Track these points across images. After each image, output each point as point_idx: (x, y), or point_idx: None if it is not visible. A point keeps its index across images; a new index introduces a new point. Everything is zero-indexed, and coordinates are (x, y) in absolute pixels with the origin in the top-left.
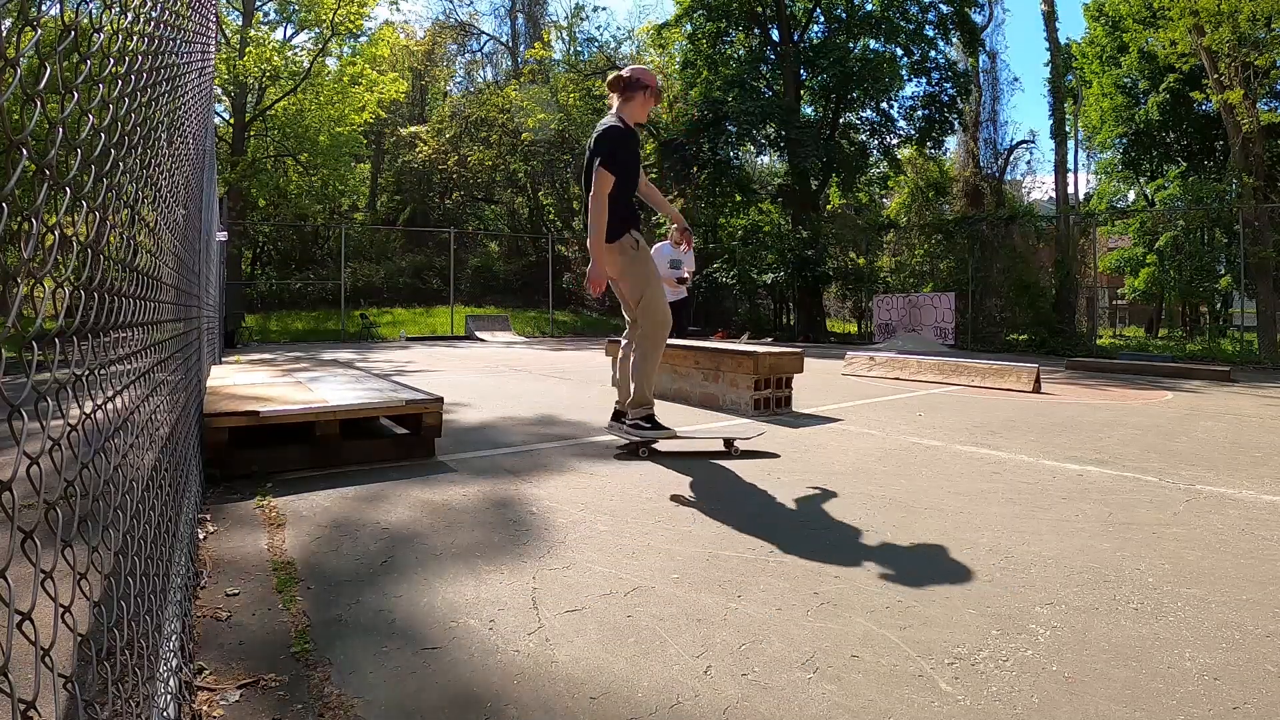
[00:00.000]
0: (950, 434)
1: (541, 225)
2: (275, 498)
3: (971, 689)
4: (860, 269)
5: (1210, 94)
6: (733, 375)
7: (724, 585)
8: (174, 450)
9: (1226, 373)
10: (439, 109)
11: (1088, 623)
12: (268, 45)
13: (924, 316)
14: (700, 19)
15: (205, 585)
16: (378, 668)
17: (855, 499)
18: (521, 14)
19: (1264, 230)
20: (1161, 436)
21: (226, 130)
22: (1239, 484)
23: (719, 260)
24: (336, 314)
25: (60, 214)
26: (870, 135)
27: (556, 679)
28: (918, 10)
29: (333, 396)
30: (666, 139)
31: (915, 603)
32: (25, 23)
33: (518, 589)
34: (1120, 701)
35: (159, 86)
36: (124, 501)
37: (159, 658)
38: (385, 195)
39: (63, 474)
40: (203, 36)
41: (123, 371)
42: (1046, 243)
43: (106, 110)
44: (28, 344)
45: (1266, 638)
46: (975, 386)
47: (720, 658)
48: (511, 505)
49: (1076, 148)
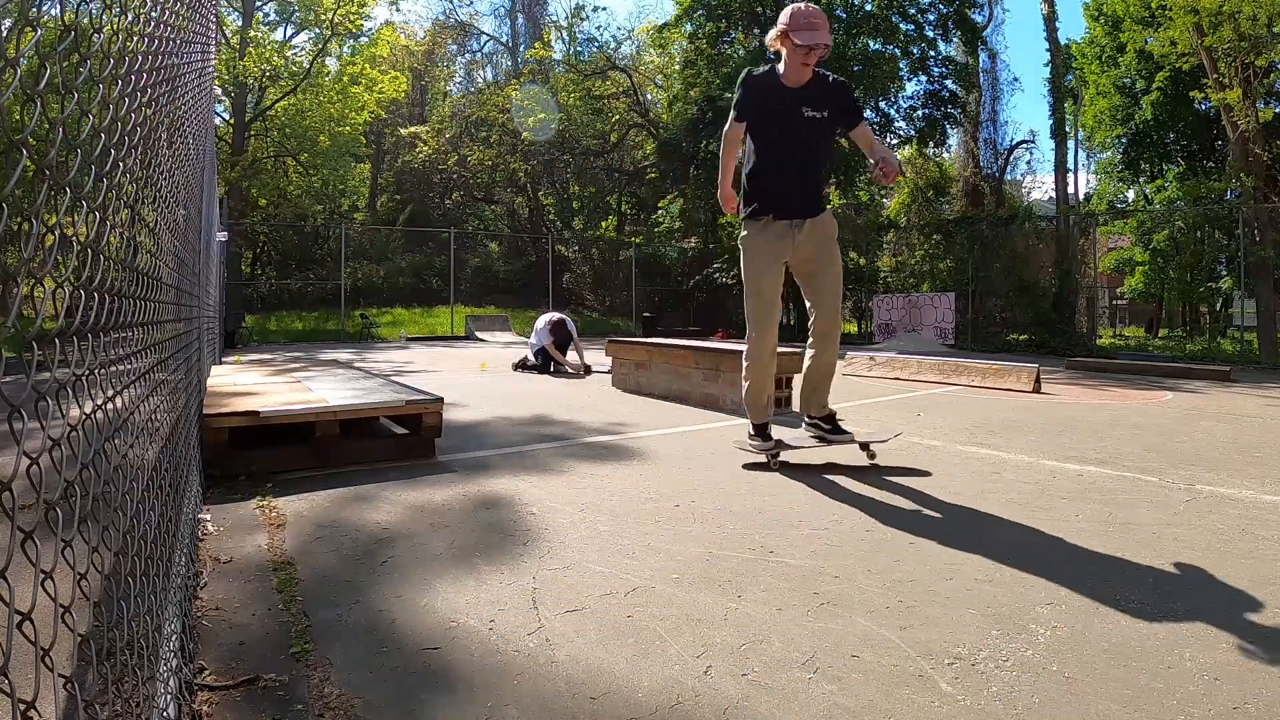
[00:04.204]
0: (950, 434)
1: (541, 225)
2: (275, 498)
3: (972, 689)
4: (860, 269)
5: (1209, 94)
6: (733, 375)
7: (724, 585)
8: (174, 450)
9: (1226, 373)
10: (439, 109)
11: (1088, 623)
12: (268, 46)
13: (924, 317)
14: (700, 19)
15: (205, 585)
16: (378, 668)
17: (856, 499)
18: (521, 14)
19: (1264, 230)
20: (1162, 436)
21: (226, 130)
22: (1239, 484)
23: (719, 260)
24: (336, 314)
25: (60, 214)
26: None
27: (556, 679)
28: (917, 11)
29: (333, 396)
30: (665, 138)
31: (915, 603)
32: (25, 23)
33: (518, 589)
34: (1120, 701)
35: (159, 87)
36: (124, 502)
37: (159, 658)
38: (385, 195)
39: (63, 474)
40: (203, 37)
41: (123, 371)
42: (1046, 243)
43: (106, 110)
44: (28, 344)
45: (1267, 638)
46: (975, 386)
47: (720, 658)
48: (511, 505)
49: (1076, 148)
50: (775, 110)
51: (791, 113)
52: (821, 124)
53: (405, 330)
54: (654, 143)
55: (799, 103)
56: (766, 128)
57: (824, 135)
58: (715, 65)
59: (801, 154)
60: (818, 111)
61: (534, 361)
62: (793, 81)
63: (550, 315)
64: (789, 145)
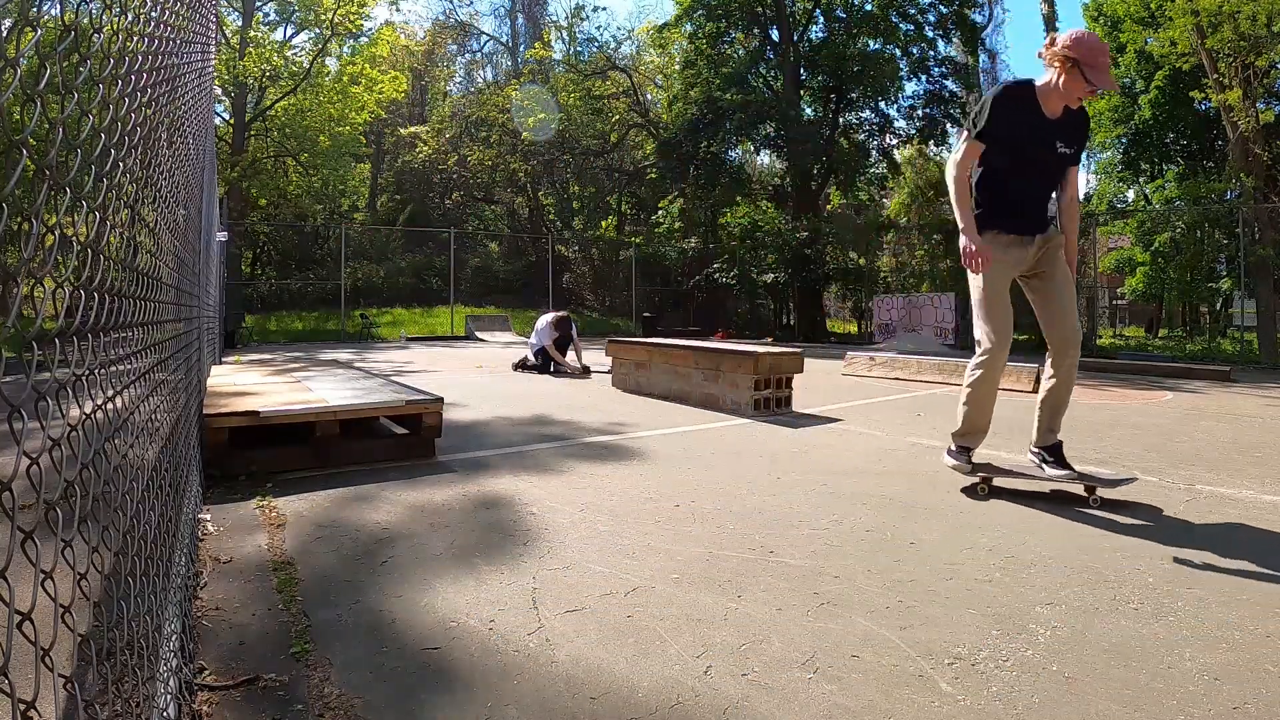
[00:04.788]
0: (950, 434)
1: (541, 225)
2: (275, 498)
3: (972, 689)
4: (860, 269)
5: (1209, 94)
6: (733, 375)
7: (724, 585)
8: (174, 450)
9: (1227, 373)
10: (439, 109)
11: (1088, 623)
12: (268, 46)
13: (924, 317)
14: (700, 19)
15: (205, 585)
16: (378, 668)
17: (856, 499)
18: (521, 14)
19: (1264, 230)
20: (1162, 436)
21: (226, 130)
22: (1239, 484)
23: (719, 260)
24: (336, 314)
25: (60, 214)
26: (869, 136)
27: (556, 679)
28: (916, 11)
29: (333, 396)
30: (665, 138)
31: (915, 603)
32: (25, 23)
33: (518, 589)
34: (1120, 701)
35: (159, 87)
36: (124, 502)
37: (159, 658)
38: (385, 195)
39: (63, 474)
40: (203, 37)
41: (123, 371)
42: None
43: (106, 110)
44: (28, 344)
45: (1266, 638)
46: None
47: (720, 658)
48: (511, 505)
49: None
50: (1026, 142)
51: (1047, 147)
52: (1069, 159)
53: (405, 330)
54: (654, 143)
55: (1055, 136)
56: (1013, 157)
57: (1066, 168)
58: (715, 65)
59: (1043, 185)
60: (1069, 147)
61: (534, 361)
62: (1053, 111)
63: (552, 313)
64: (1033, 176)
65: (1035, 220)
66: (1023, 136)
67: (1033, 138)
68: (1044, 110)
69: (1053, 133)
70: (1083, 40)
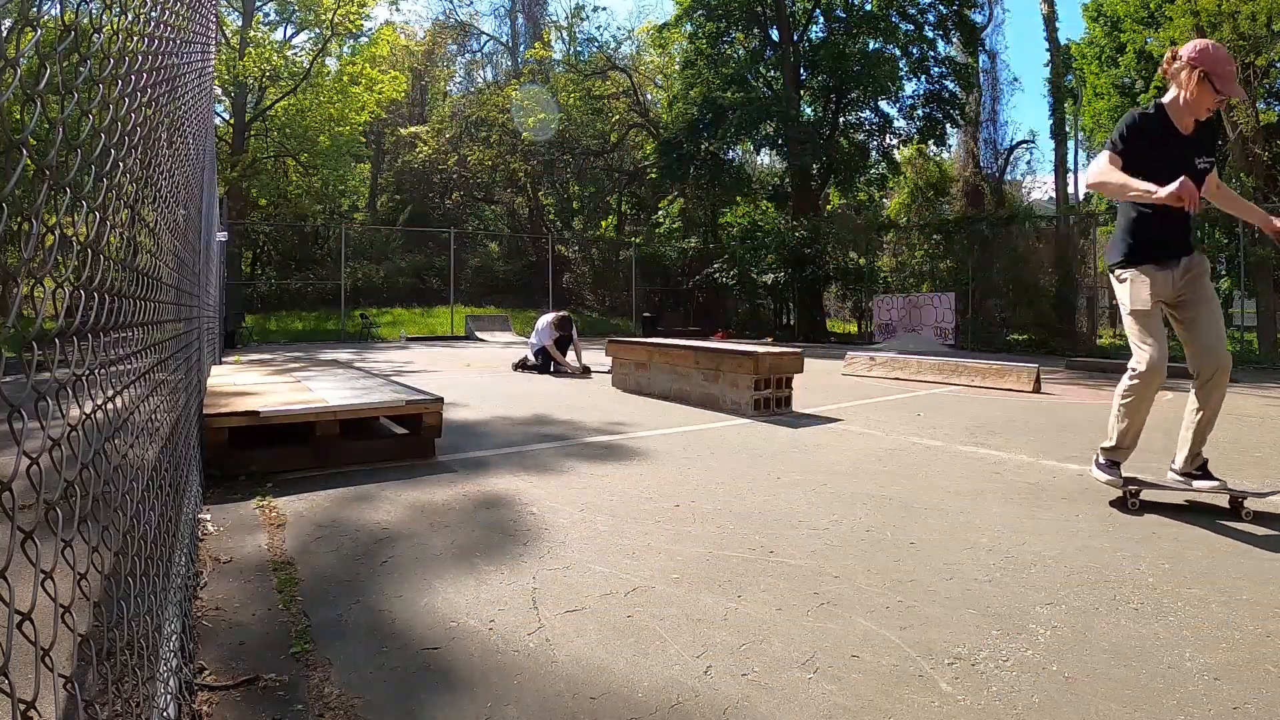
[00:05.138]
0: (950, 434)
1: (541, 225)
2: (275, 498)
3: (972, 689)
4: (860, 269)
5: None
6: (733, 375)
7: (724, 585)
8: (174, 450)
9: None
10: (439, 109)
11: (1088, 623)
12: (267, 46)
13: (924, 316)
14: (700, 19)
15: (205, 585)
16: (378, 668)
17: (856, 499)
18: (521, 14)
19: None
20: (1162, 436)
21: (226, 130)
22: (1239, 484)
23: (719, 260)
24: (336, 314)
25: (60, 214)
26: (869, 136)
27: (556, 679)
28: (916, 11)
29: (333, 396)
30: (665, 138)
31: (915, 603)
32: (25, 23)
33: (518, 589)
34: (1120, 701)
35: (159, 87)
36: (124, 502)
37: (159, 658)
38: (385, 195)
39: (63, 474)
40: (203, 37)
41: (123, 371)
42: (1046, 243)
43: (106, 110)
44: (28, 344)
45: (1266, 638)
46: (975, 386)
47: (720, 658)
48: (511, 505)
49: (1076, 148)
50: (1165, 164)
51: (1189, 166)
52: (1208, 171)
53: (405, 330)
54: (654, 143)
55: (1192, 152)
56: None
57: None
58: (715, 65)
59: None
60: (1206, 160)
61: (534, 361)
62: (1185, 126)
63: (553, 313)
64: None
65: (1179, 245)
66: (1161, 158)
67: (1171, 159)
68: (1179, 129)
69: (1191, 149)
70: (1207, 51)
